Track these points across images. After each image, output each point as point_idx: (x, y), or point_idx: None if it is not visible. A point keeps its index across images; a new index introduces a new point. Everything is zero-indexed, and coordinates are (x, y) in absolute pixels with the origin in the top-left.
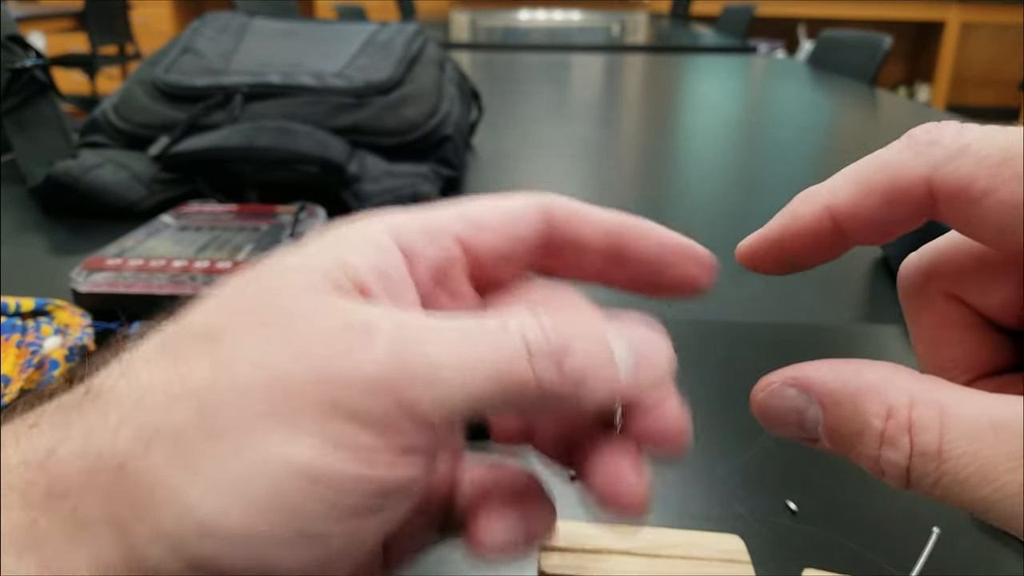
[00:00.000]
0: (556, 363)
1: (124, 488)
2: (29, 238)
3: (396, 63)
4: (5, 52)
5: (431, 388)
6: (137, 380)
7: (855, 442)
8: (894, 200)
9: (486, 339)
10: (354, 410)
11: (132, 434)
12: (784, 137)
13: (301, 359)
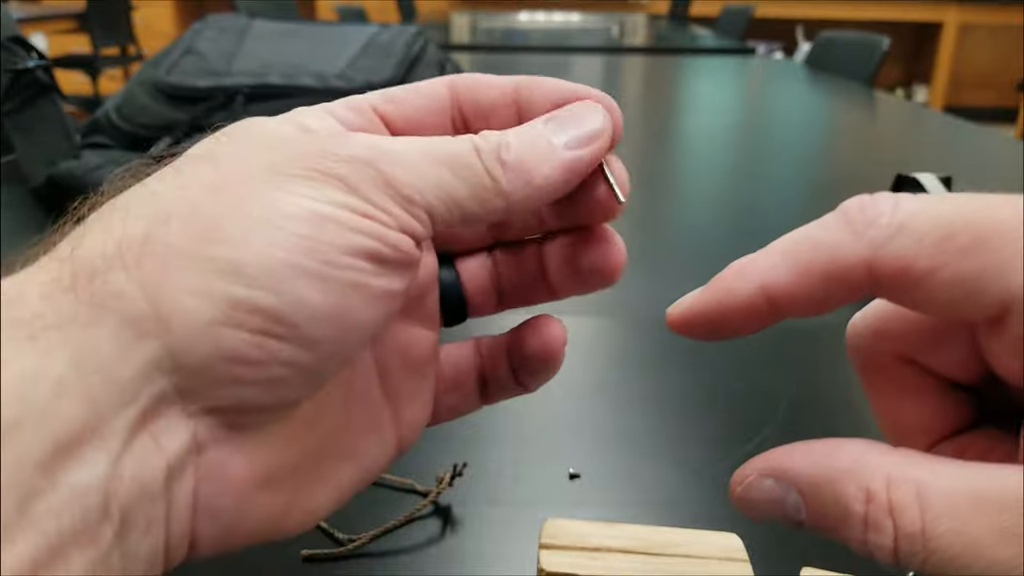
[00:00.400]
0: (498, 159)
1: (151, 255)
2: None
3: (397, 64)
4: (7, 53)
5: (405, 171)
6: (147, 186)
7: (840, 527)
8: (834, 282)
9: (443, 146)
10: (346, 177)
11: (150, 216)
12: (782, 138)
13: (295, 149)
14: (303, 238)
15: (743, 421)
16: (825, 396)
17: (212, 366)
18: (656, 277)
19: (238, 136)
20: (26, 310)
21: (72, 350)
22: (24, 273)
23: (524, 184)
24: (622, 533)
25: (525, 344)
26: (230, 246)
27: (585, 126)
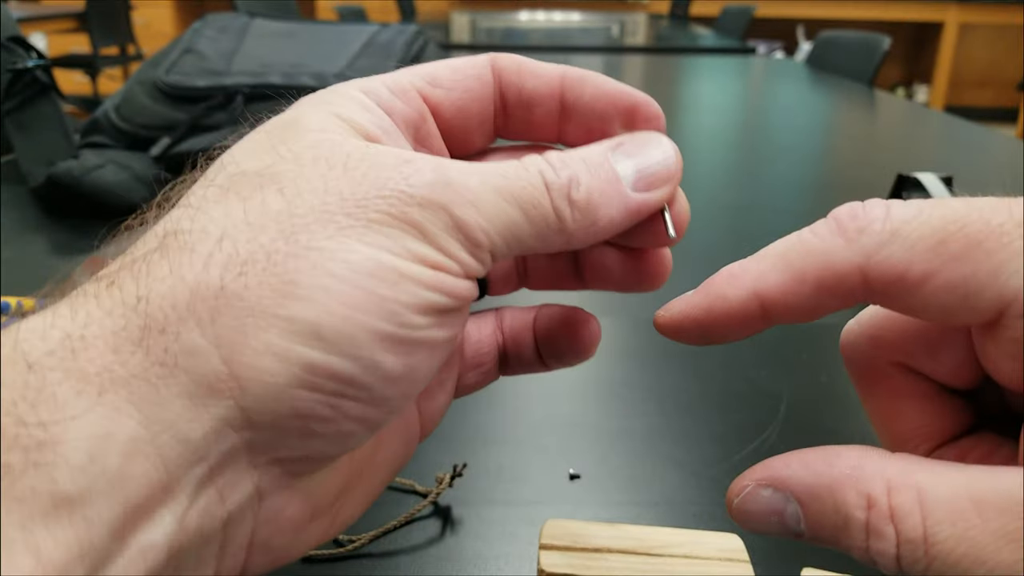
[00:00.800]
0: (568, 194)
1: (226, 311)
2: (30, 238)
3: (397, 64)
4: (7, 53)
5: (478, 212)
6: (211, 218)
7: (840, 535)
8: (827, 289)
9: (515, 181)
10: (419, 224)
11: (224, 263)
12: (783, 138)
13: (364, 183)
14: (382, 299)
15: (744, 422)
16: (826, 396)
17: (285, 424)
18: None
19: (297, 148)
20: (94, 362)
21: (143, 408)
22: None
23: (589, 225)
24: (622, 534)
25: (557, 335)
26: (308, 305)
27: (656, 165)
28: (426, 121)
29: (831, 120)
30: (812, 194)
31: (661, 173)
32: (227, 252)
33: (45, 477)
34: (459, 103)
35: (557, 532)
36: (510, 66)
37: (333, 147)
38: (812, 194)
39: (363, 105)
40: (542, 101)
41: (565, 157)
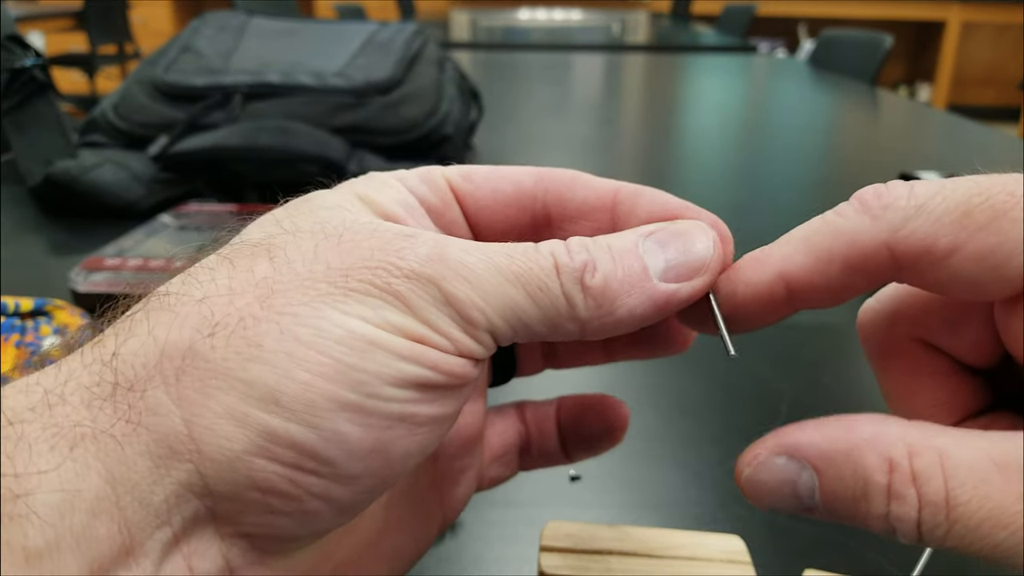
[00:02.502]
0: (580, 278)
1: (191, 372)
2: (28, 238)
3: (396, 63)
4: (4, 52)
5: (472, 288)
6: (198, 284)
7: (858, 503)
8: (854, 268)
9: (518, 256)
10: (404, 296)
11: (196, 325)
12: (785, 137)
13: (355, 253)
14: (348, 367)
15: (745, 422)
16: (828, 397)
17: (244, 495)
18: None
19: (300, 220)
20: (69, 417)
21: (109, 466)
22: (69, 366)
23: (604, 314)
24: (623, 535)
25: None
26: (271, 369)
27: (691, 253)
28: (450, 208)
29: (833, 119)
30: (814, 193)
31: (694, 262)
32: (203, 314)
33: (18, 530)
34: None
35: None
36: (558, 179)
37: (337, 220)
38: (814, 193)
39: (388, 184)
40: (592, 215)
41: (587, 242)
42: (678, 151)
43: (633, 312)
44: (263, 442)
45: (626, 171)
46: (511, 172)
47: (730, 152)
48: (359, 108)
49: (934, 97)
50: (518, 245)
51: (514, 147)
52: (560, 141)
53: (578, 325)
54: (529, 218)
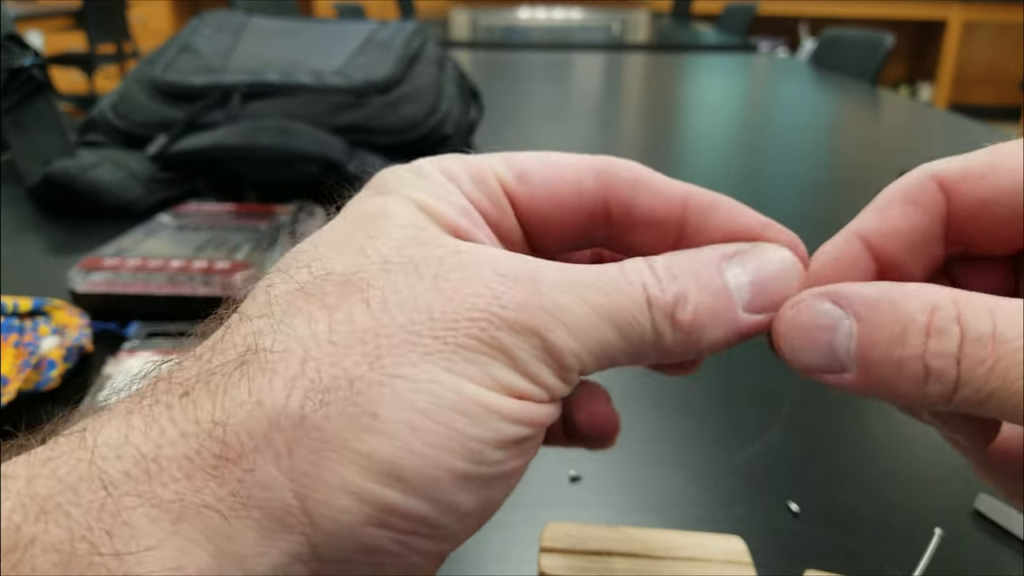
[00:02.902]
0: (672, 314)
1: (304, 443)
2: (27, 238)
3: (396, 62)
4: (3, 51)
5: (570, 334)
6: (295, 333)
7: (894, 346)
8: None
9: (611, 291)
10: (509, 350)
11: (305, 390)
12: (786, 136)
13: (455, 299)
14: (464, 437)
15: (745, 423)
16: (828, 397)
17: (353, 558)
18: None
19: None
20: (169, 488)
21: (214, 539)
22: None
23: (691, 344)
24: (623, 536)
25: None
26: (389, 442)
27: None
28: (506, 216)
29: (834, 118)
30: (815, 192)
31: (778, 295)
32: (310, 377)
33: None
34: (542, 207)
35: (558, 535)
36: (626, 179)
37: (423, 249)
38: (815, 192)
39: (447, 191)
40: (657, 224)
41: (674, 268)
42: (678, 151)
43: (715, 343)
44: (379, 514)
45: None
46: (569, 168)
47: (731, 152)
48: (359, 107)
49: (935, 96)
50: (608, 274)
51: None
52: (560, 141)
53: (660, 353)
54: (588, 221)
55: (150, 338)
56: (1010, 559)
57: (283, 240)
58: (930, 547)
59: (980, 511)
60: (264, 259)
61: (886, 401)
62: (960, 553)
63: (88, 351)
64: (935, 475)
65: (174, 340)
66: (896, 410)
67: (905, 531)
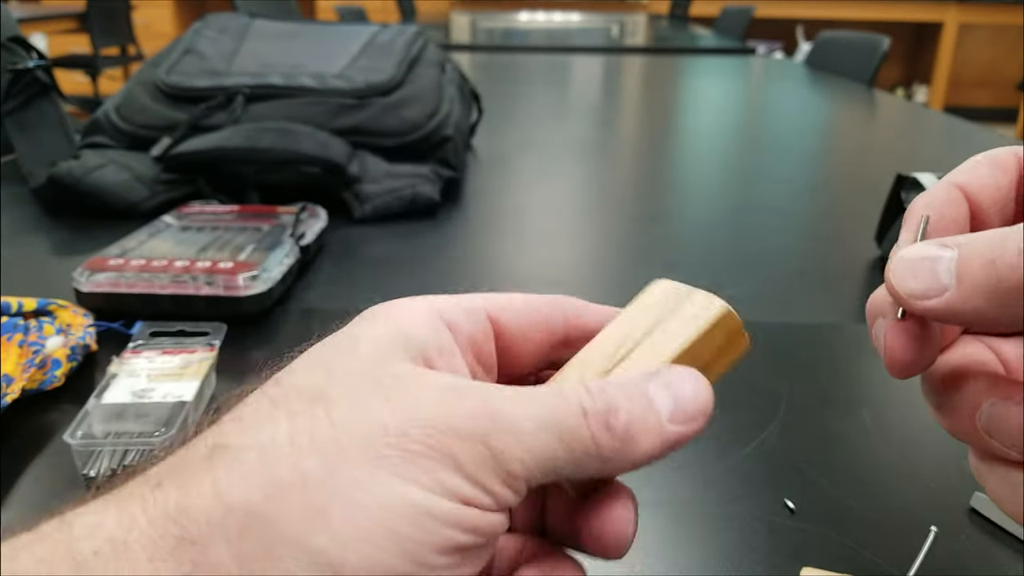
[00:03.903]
0: (606, 422)
1: (254, 532)
2: (31, 238)
3: (397, 64)
4: (7, 53)
5: (517, 442)
6: (258, 436)
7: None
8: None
9: (551, 404)
10: (457, 458)
11: (261, 484)
12: (782, 138)
13: (409, 414)
14: (404, 538)
15: (744, 422)
16: (825, 396)
17: None
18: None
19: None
20: (133, 567)
21: None
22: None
23: (625, 454)
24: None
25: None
26: (334, 539)
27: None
28: (489, 340)
29: (830, 120)
30: (811, 194)
31: (696, 409)
32: (268, 473)
33: None
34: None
35: None
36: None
37: (385, 369)
38: (811, 194)
39: (426, 320)
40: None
41: (604, 387)
42: (676, 152)
43: (647, 453)
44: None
45: (624, 172)
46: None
47: (728, 153)
48: (360, 110)
49: (931, 98)
50: (547, 392)
51: (514, 148)
52: (559, 142)
53: (600, 463)
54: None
55: (154, 337)
56: (1006, 556)
57: (286, 241)
58: (925, 545)
59: (976, 509)
60: (266, 259)
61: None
62: (956, 550)
63: (93, 350)
64: (931, 473)
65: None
66: (894, 410)
67: (901, 529)
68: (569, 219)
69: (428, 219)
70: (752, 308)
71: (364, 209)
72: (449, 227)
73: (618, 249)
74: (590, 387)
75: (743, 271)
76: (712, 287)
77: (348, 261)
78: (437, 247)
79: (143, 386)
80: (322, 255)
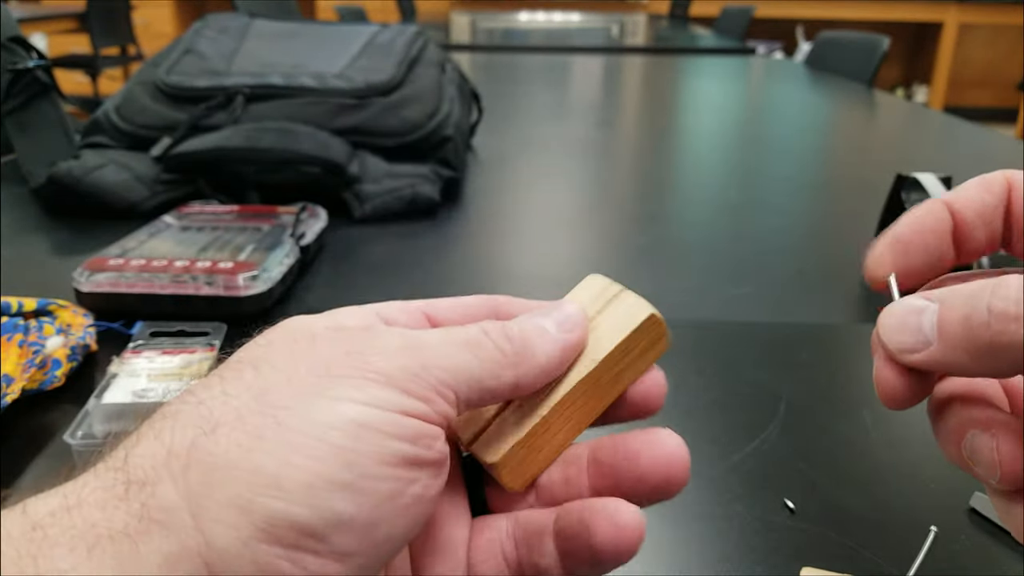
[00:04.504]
0: (504, 335)
1: (195, 465)
2: (31, 238)
3: (397, 64)
4: (7, 53)
5: (436, 355)
6: (194, 394)
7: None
8: (985, 187)
9: (457, 332)
10: (385, 372)
11: (197, 423)
12: (782, 137)
13: (332, 349)
14: (341, 449)
15: (743, 422)
16: (824, 396)
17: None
18: (656, 276)
19: (277, 339)
20: (86, 519)
21: (124, 566)
22: (84, 477)
23: (527, 358)
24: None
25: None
26: (271, 458)
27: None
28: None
29: (830, 120)
30: (811, 194)
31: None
32: (202, 415)
33: None
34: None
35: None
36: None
37: (303, 329)
38: (811, 194)
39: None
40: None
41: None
42: (676, 152)
43: (550, 355)
44: (267, 526)
45: (624, 172)
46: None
47: (728, 153)
48: (360, 109)
49: (931, 98)
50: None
51: (514, 148)
52: (559, 142)
53: (513, 370)
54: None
55: (154, 337)
56: (1005, 556)
57: (286, 240)
58: (925, 545)
59: (976, 509)
60: (266, 259)
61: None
62: (955, 550)
63: (93, 350)
64: (930, 474)
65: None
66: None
67: (901, 529)
68: (569, 219)
69: (428, 219)
70: (752, 308)
71: (364, 209)
72: (449, 227)
73: (618, 249)
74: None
75: (743, 271)
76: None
77: (348, 261)
78: (437, 247)
79: (143, 386)
80: (322, 255)
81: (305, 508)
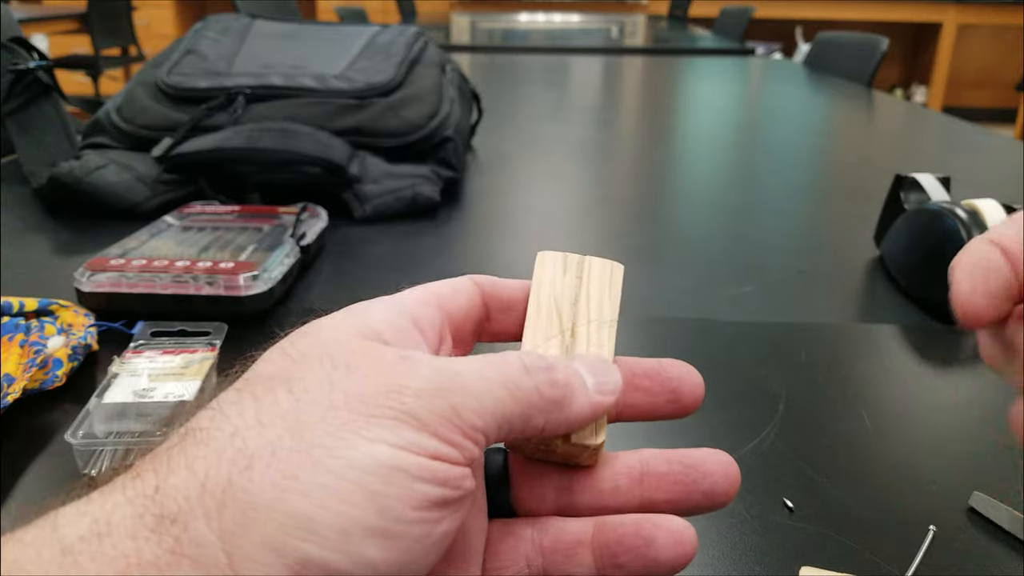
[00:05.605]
0: (547, 377)
1: (230, 504)
2: (32, 238)
3: (397, 65)
4: (8, 54)
5: (470, 397)
6: (227, 418)
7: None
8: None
9: (496, 367)
10: (417, 415)
11: (232, 458)
12: (781, 138)
13: (368, 380)
14: (375, 494)
15: (743, 421)
16: (824, 395)
17: None
18: (655, 276)
19: (310, 353)
20: (116, 547)
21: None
22: (113, 499)
23: (563, 408)
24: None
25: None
26: (306, 500)
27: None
28: (444, 324)
29: (829, 121)
30: (810, 194)
31: (612, 386)
32: (237, 447)
33: None
34: (459, 308)
35: None
36: (486, 280)
37: (338, 345)
38: (810, 194)
39: (382, 308)
40: (516, 305)
41: (541, 354)
42: (676, 153)
43: (580, 412)
44: (300, 568)
45: (623, 173)
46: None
47: (727, 154)
48: (361, 110)
49: (930, 99)
50: (489, 357)
51: (514, 149)
52: (559, 143)
53: (544, 418)
54: (478, 314)
55: (155, 337)
56: (1004, 555)
57: (287, 241)
58: (924, 544)
59: (974, 508)
60: (267, 259)
61: None
62: (954, 550)
63: (94, 350)
64: (929, 473)
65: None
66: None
67: (900, 528)
68: (569, 219)
69: (428, 219)
70: (752, 308)
71: (364, 209)
72: (449, 227)
73: (618, 249)
74: (525, 354)
75: (743, 271)
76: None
77: (348, 261)
78: (437, 247)
79: (144, 386)
80: (323, 255)
81: (339, 554)
